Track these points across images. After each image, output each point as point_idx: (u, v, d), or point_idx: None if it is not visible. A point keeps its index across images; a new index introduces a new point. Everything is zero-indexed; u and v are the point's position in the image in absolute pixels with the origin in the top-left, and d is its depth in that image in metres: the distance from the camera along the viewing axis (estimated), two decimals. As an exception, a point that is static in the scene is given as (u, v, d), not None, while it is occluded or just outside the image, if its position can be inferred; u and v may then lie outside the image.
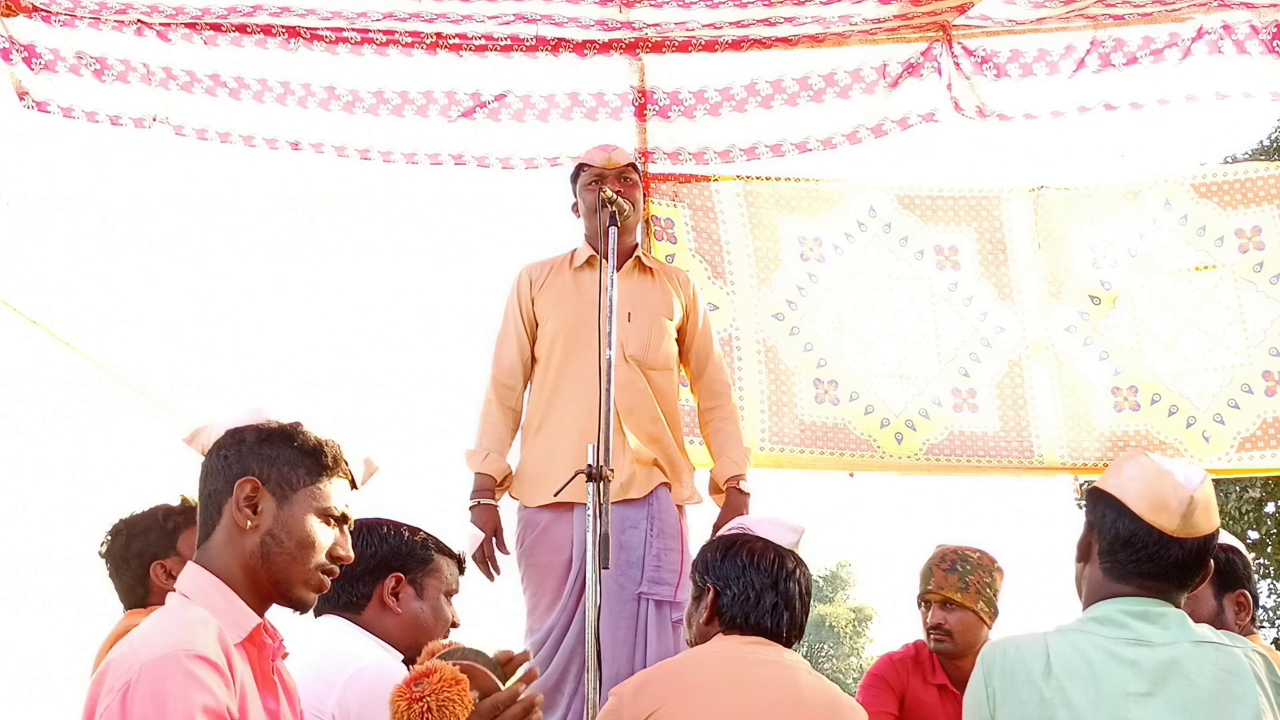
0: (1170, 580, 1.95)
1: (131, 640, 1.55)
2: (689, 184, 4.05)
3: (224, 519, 1.70)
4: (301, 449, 1.74)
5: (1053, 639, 1.94)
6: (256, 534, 1.68)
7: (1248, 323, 4.00)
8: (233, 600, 1.66)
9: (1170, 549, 1.92)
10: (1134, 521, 1.94)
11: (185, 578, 1.69)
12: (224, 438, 1.74)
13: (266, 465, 1.71)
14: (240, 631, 1.64)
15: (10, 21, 3.66)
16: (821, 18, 3.67)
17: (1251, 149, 15.23)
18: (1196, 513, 1.93)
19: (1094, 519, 2.01)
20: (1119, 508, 1.96)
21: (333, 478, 1.76)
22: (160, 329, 9.77)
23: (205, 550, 1.71)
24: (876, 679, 3.21)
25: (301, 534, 1.70)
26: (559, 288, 3.30)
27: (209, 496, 1.72)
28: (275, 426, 1.75)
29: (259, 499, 1.69)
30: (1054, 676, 1.87)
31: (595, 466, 2.53)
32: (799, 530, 2.39)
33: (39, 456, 7.37)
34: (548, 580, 3.08)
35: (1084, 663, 1.88)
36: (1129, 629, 1.91)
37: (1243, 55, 3.89)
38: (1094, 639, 1.91)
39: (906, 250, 4.15)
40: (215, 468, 1.72)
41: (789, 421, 4.00)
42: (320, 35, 3.79)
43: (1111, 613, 1.94)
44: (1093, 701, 1.84)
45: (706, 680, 2.15)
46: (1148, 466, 1.97)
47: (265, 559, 1.68)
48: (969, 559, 3.12)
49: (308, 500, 1.72)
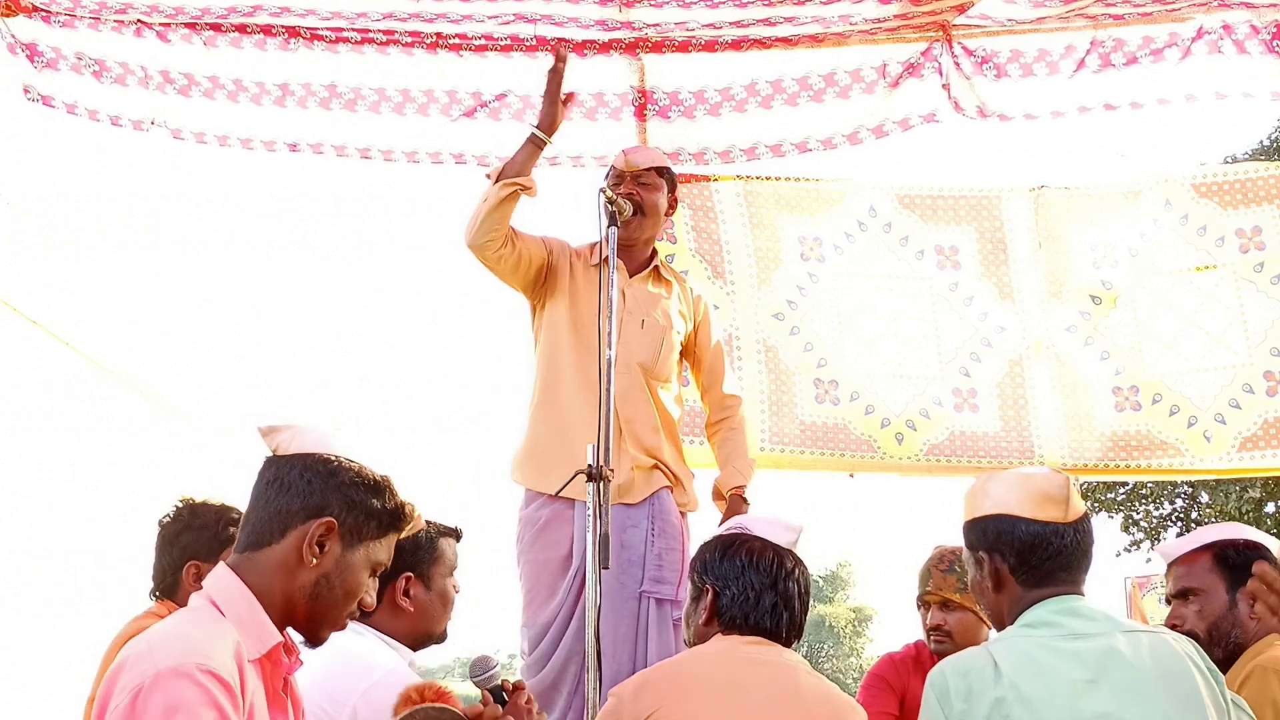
0: (1076, 568, 2.06)
1: (150, 640, 1.55)
2: (689, 184, 4.05)
3: (285, 542, 1.69)
4: (385, 507, 1.76)
5: (994, 647, 2.01)
6: (314, 573, 1.69)
7: (1248, 323, 4.00)
8: (259, 615, 1.66)
9: (1067, 537, 2.05)
10: (1030, 525, 2.05)
11: (216, 580, 1.68)
12: (314, 461, 1.73)
13: (348, 510, 1.72)
14: (260, 647, 1.64)
15: (10, 21, 3.66)
16: (821, 18, 3.67)
17: (1251, 149, 15.23)
18: (1074, 496, 2.07)
19: (989, 544, 2.09)
20: (1010, 520, 2.06)
21: (394, 535, 1.79)
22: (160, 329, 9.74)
23: (250, 559, 1.70)
24: (877, 679, 3.21)
25: (352, 584, 1.73)
26: (580, 277, 3.27)
27: (276, 510, 1.71)
28: (370, 477, 1.75)
29: (329, 541, 1.70)
30: (1004, 676, 1.92)
31: (595, 466, 2.53)
32: (797, 530, 2.38)
33: (39, 456, 7.36)
34: (544, 575, 3.06)
35: (1030, 660, 1.94)
36: (1062, 626, 1.99)
37: (1243, 55, 3.89)
38: (1033, 640, 1.98)
39: (907, 250, 4.14)
40: (295, 486, 1.72)
41: (789, 421, 3.99)
42: (320, 35, 3.78)
43: (1041, 615, 2.01)
44: (1045, 694, 1.89)
45: (707, 680, 2.15)
46: (1010, 477, 2.11)
47: (313, 598, 1.70)
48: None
49: (367, 553, 1.75)
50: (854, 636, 40.61)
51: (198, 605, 1.66)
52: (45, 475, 7.39)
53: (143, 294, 11.81)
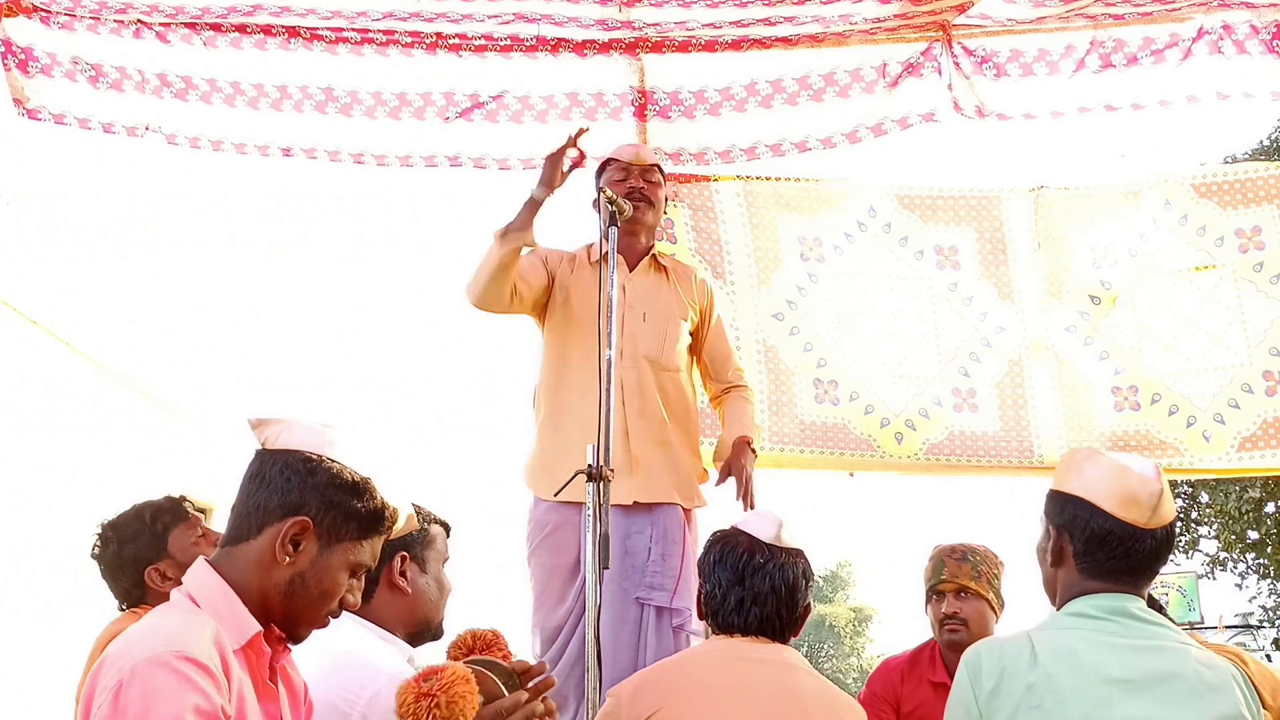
0: (1143, 573, 2.01)
1: (129, 637, 1.56)
2: (689, 184, 4.05)
3: (261, 539, 1.68)
4: (364, 509, 1.73)
5: (1036, 634, 1.98)
6: (288, 571, 1.68)
7: (1248, 322, 4.00)
8: (236, 606, 1.65)
9: (1143, 542, 1.99)
10: (1107, 520, 1.99)
11: (194, 576, 1.68)
12: (295, 459, 1.71)
13: (324, 510, 1.69)
14: (239, 638, 1.63)
15: (10, 22, 3.66)
16: (821, 17, 3.67)
17: (1251, 149, 15.23)
18: (1163, 504, 2.00)
19: (1063, 522, 2.05)
20: (1090, 509, 2.01)
21: (375, 537, 1.76)
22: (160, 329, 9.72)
23: (228, 555, 1.70)
24: (870, 696, 3.23)
25: (328, 584, 1.71)
26: (581, 280, 3.26)
27: (255, 505, 1.70)
28: (349, 478, 1.72)
29: (304, 540, 1.69)
30: (1040, 665, 1.90)
31: (595, 466, 2.53)
32: (777, 521, 2.31)
33: (39, 456, 7.36)
34: (553, 581, 3.08)
35: (1070, 651, 1.91)
36: (1111, 624, 1.96)
37: (1243, 55, 3.90)
38: (1078, 633, 1.95)
39: (906, 250, 4.14)
40: (274, 482, 1.70)
41: (789, 421, 3.99)
42: (320, 35, 3.78)
43: (1089, 609, 1.98)
44: (1079, 687, 1.87)
45: (705, 682, 2.15)
46: (1109, 465, 2.03)
47: (287, 596, 1.68)
48: (976, 551, 3.16)
49: (345, 554, 1.72)
50: (854, 636, 40.61)
51: (175, 600, 1.67)
52: (45, 475, 7.39)
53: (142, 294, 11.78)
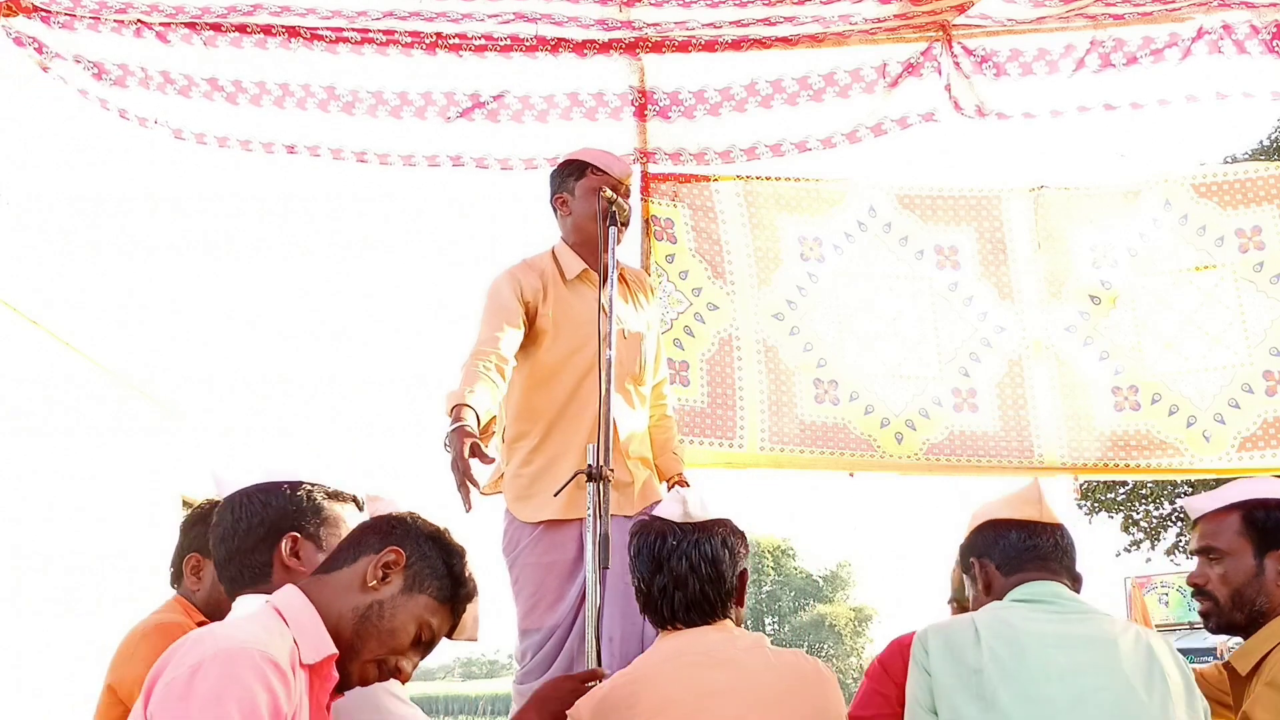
0: (1058, 566, 2.16)
1: (212, 630, 1.61)
2: (689, 184, 4.05)
3: (354, 566, 1.78)
4: (451, 570, 1.84)
5: (976, 614, 2.09)
6: (370, 596, 1.76)
7: (1248, 322, 4.00)
8: (319, 626, 1.71)
9: (1041, 534, 2.18)
10: (1007, 524, 2.21)
11: (283, 594, 1.75)
12: (401, 518, 1.85)
13: (419, 557, 1.81)
14: (315, 654, 1.68)
15: (10, 22, 3.66)
16: (821, 17, 3.67)
17: (1251, 149, 15.25)
18: (1045, 497, 2.22)
19: (977, 551, 2.24)
20: (992, 525, 2.23)
21: (449, 609, 1.84)
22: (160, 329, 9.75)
23: (318, 580, 1.78)
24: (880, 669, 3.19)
25: (398, 624, 1.77)
26: (561, 302, 3.11)
27: (354, 541, 1.82)
28: (447, 539, 1.87)
29: (393, 573, 1.78)
30: (982, 639, 2.00)
31: (595, 466, 2.53)
32: (681, 499, 2.24)
33: (39, 457, 7.37)
34: (549, 579, 3.04)
35: (1007, 624, 2.03)
36: (1044, 602, 2.09)
37: (1243, 55, 3.90)
38: (1015, 610, 2.08)
39: (906, 250, 4.15)
40: (379, 526, 1.84)
41: (789, 421, 3.99)
42: (320, 35, 3.79)
43: (1021, 594, 2.12)
44: (1019, 655, 1.96)
45: (665, 695, 2.04)
46: (992, 497, 2.30)
47: (360, 620, 1.74)
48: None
49: (422, 608, 1.79)
50: (854, 636, 40.64)
51: (262, 610, 1.71)
52: (45, 475, 7.40)
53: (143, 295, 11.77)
